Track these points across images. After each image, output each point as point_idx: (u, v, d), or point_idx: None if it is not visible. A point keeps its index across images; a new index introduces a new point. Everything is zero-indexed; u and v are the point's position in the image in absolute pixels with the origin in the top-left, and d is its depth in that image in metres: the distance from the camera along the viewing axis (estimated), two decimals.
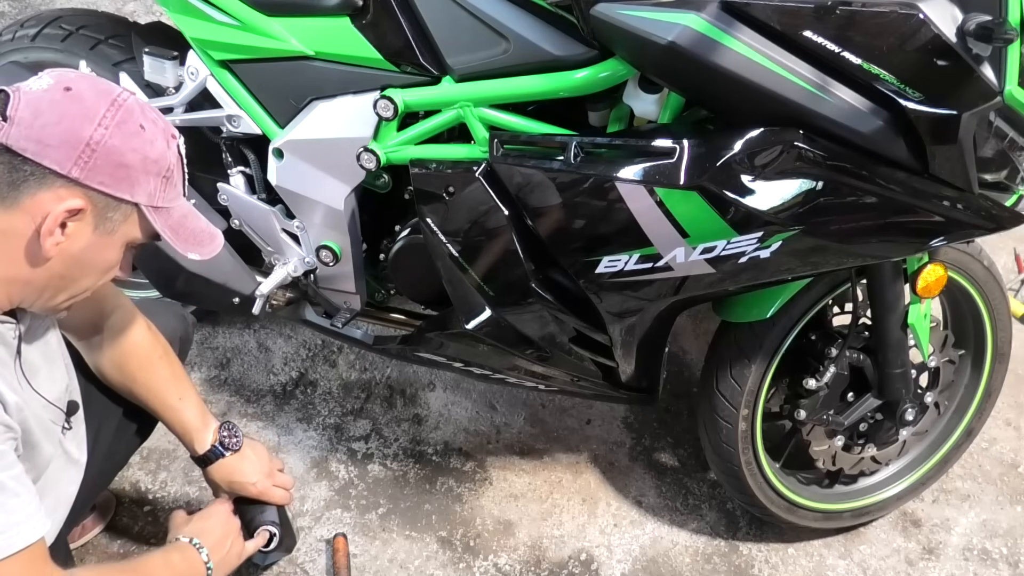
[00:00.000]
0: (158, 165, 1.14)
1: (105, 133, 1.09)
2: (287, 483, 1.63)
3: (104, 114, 1.10)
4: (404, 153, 1.53)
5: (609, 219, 1.37)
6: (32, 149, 1.06)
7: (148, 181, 1.14)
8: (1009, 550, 1.99)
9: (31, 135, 1.06)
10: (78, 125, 1.08)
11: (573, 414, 2.18)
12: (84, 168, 1.08)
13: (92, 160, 1.09)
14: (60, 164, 1.07)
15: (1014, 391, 2.32)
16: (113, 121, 1.10)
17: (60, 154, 1.07)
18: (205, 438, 1.54)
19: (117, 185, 1.11)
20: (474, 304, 1.57)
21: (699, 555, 1.92)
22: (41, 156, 1.07)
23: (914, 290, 1.60)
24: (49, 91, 1.09)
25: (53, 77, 1.12)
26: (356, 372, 2.22)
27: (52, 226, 1.09)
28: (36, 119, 1.07)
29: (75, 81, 1.12)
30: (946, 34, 1.20)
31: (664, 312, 1.58)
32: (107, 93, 1.12)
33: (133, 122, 1.12)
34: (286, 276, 1.80)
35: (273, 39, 1.58)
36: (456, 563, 1.85)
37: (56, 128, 1.07)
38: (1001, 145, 1.36)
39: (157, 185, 1.15)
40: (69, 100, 1.09)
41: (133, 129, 1.12)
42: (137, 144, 1.12)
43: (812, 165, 1.28)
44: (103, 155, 1.09)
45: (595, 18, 1.27)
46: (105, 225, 1.13)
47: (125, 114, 1.12)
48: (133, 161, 1.11)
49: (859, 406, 1.74)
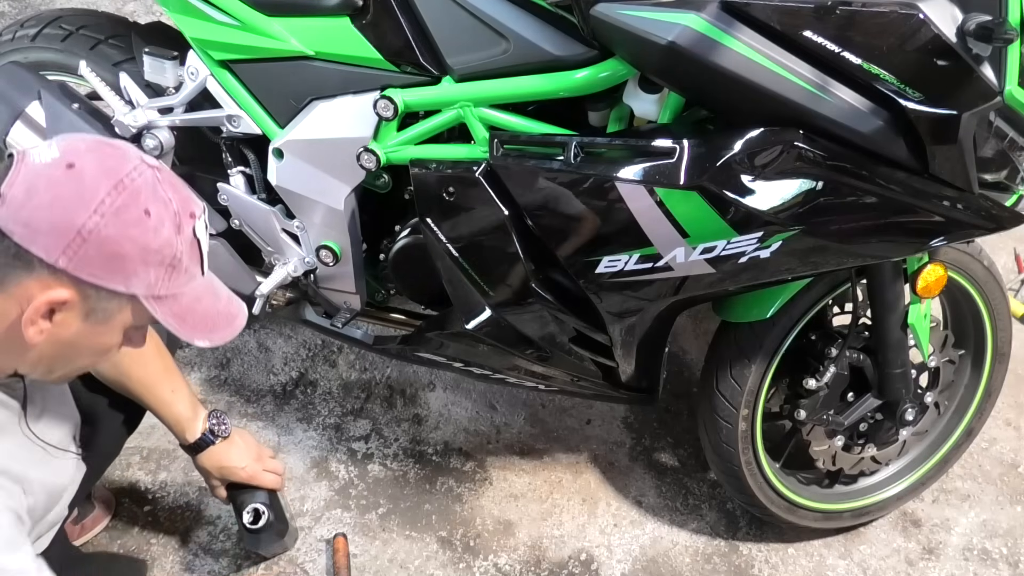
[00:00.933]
0: (160, 255, 1.05)
1: (100, 221, 1.00)
2: (277, 468, 1.66)
3: (103, 199, 1.00)
4: (404, 153, 1.54)
5: (609, 219, 1.37)
6: (20, 232, 0.98)
7: (147, 272, 1.05)
8: (1009, 550, 1.99)
9: (20, 217, 0.98)
10: (71, 210, 0.99)
11: (573, 414, 2.18)
12: (73, 258, 1.00)
13: (82, 250, 1.00)
14: (47, 252, 0.99)
15: (1014, 391, 2.32)
16: (111, 208, 1.00)
17: (48, 241, 0.98)
18: (195, 427, 1.57)
19: (110, 277, 1.03)
20: (474, 304, 1.57)
21: (699, 555, 1.92)
22: (28, 242, 0.98)
23: (914, 290, 1.60)
24: (51, 166, 1.00)
25: (61, 148, 1.02)
26: (356, 372, 2.22)
27: (34, 316, 1.01)
28: (29, 200, 0.98)
29: (82, 155, 1.02)
30: (946, 34, 1.20)
31: (664, 312, 1.58)
32: (113, 172, 1.02)
33: (137, 207, 1.02)
34: (286, 276, 1.80)
35: (273, 39, 1.58)
36: (456, 563, 1.85)
37: (47, 212, 0.98)
38: (1001, 145, 1.36)
39: (159, 275, 1.06)
40: (67, 179, 1.00)
41: (134, 216, 1.02)
42: (136, 233, 1.02)
43: (812, 165, 1.28)
44: (95, 245, 1.00)
45: (595, 18, 1.27)
46: (97, 315, 1.05)
47: (128, 198, 1.02)
48: (130, 251, 1.02)
49: (859, 406, 1.74)
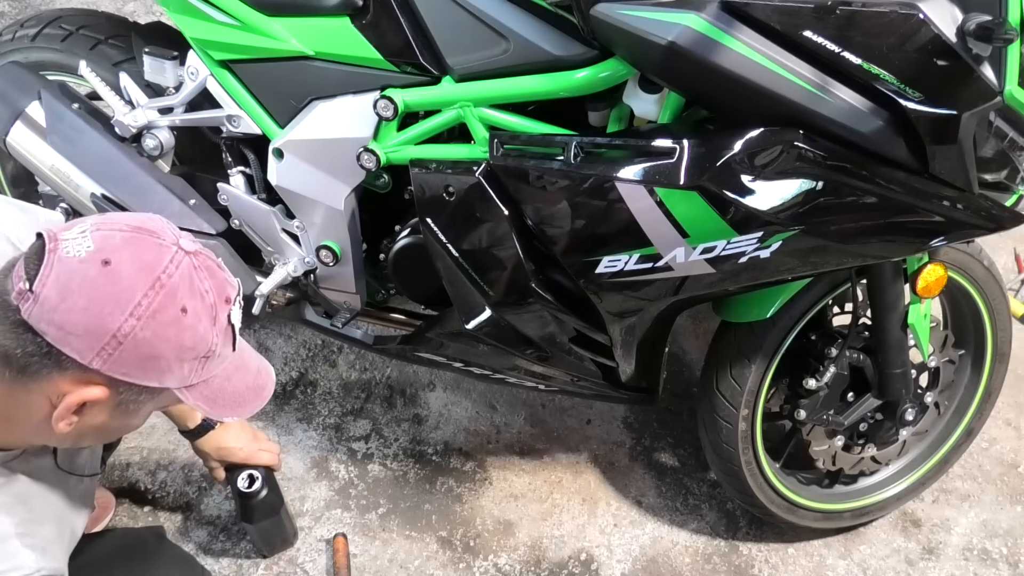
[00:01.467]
0: (195, 351, 1.03)
1: (136, 324, 0.97)
2: (273, 448, 1.72)
3: (139, 302, 0.97)
4: (404, 153, 1.53)
5: (609, 219, 1.37)
6: (53, 334, 0.96)
7: (182, 367, 1.03)
8: (1009, 550, 1.99)
9: (54, 320, 0.95)
10: (107, 314, 0.96)
11: (573, 414, 2.18)
12: (107, 360, 0.98)
13: (117, 352, 0.97)
14: (81, 354, 0.97)
15: (1014, 391, 2.32)
16: (149, 310, 0.98)
17: (82, 344, 0.96)
18: (195, 415, 1.62)
19: (144, 376, 1.01)
20: (474, 304, 1.57)
21: (699, 555, 1.92)
22: (62, 343, 0.96)
23: (914, 290, 1.60)
24: (85, 263, 0.96)
25: (96, 240, 0.98)
26: (356, 372, 2.22)
27: (64, 413, 1.00)
28: (63, 301, 0.95)
29: (118, 250, 0.98)
30: (946, 34, 1.20)
31: (664, 312, 1.58)
32: (150, 269, 0.99)
33: (174, 307, 0.99)
34: (286, 276, 1.80)
35: (273, 39, 1.58)
36: (456, 563, 1.85)
37: (82, 316, 0.95)
38: (1001, 145, 1.36)
39: (193, 367, 1.04)
40: (103, 279, 0.96)
41: (172, 316, 0.99)
42: (172, 334, 1.00)
43: (812, 165, 1.28)
44: (131, 348, 0.98)
45: (595, 18, 1.27)
46: (127, 406, 1.05)
47: (166, 299, 0.99)
48: (165, 351, 1.00)
49: (859, 406, 1.74)
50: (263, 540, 1.80)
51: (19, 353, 0.97)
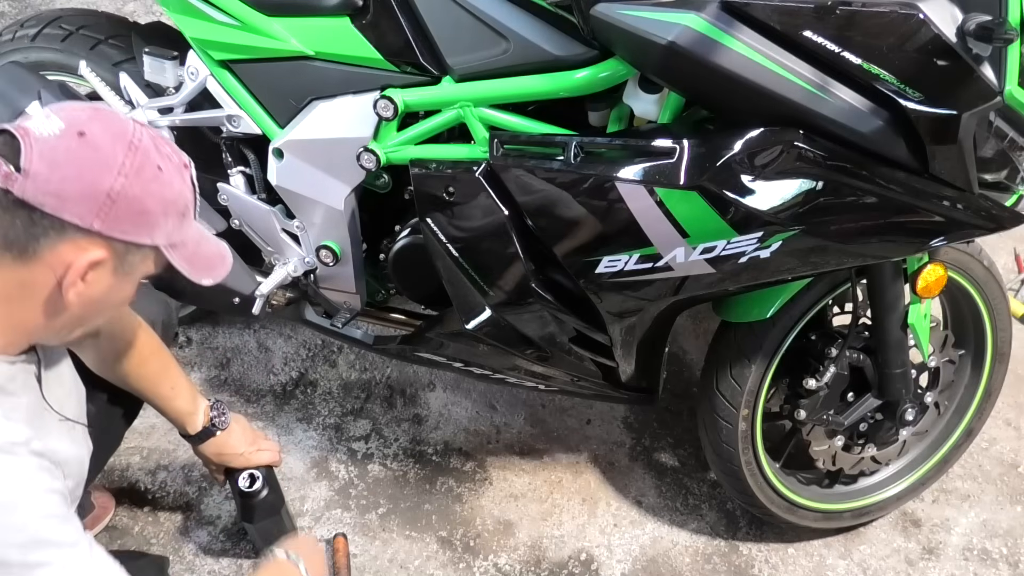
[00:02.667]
0: (176, 205, 1.12)
1: (125, 182, 1.05)
2: (273, 446, 1.72)
3: (123, 162, 1.06)
4: (404, 153, 1.53)
5: (609, 219, 1.37)
6: (51, 204, 1.02)
7: (167, 222, 1.12)
8: (1009, 550, 1.99)
9: (49, 189, 1.02)
10: (97, 176, 1.04)
11: (573, 414, 2.18)
12: (106, 220, 1.05)
13: (113, 211, 1.05)
14: (81, 218, 1.04)
15: (1014, 391, 2.32)
16: (132, 168, 1.06)
17: (81, 208, 1.04)
18: (196, 420, 1.62)
19: (137, 232, 1.09)
20: (474, 304, 1.57)
21: (699, 555, 1.92)
22: (60, 210, 1.03)
23: (914, 290, 1.60)
24: (64, 138, 1.04)
25: (63, 119, 1.06)
26: (356, 372, 2.22)
27: (74, 278, 1.06)
28: (53, 172, 1.02)
29: (88, 124, 1.06)
30: (946, 34, 1.20)
31: (664, 312, 1.58)
32: (122, 136, 1.08)
33: (151, 165, 1.08)
34: (286, 276, 1.80)
35: (273, 39, 1.58)
36: (456, 563, 1.85)
37: (75, 182, 1.03)
38: (1001, 145, 1.36)
39: (175, 224, 1.13)
40: (85, 148, 1.04)
41: (152, 174, 1.08)
42: (156, 188, 1.09)
43: (812, 165, 1.28)
44: (124, 205, 1.06)
45: (595, 18, 1.27)
46: (124, 268, 1.11)
47: (143, 158, 1.08)
48: (153, 206, 1.09)
49: (859, 406, 1.74)
50: (263, 540, 1.79)
51: (21, 232, 1.03)
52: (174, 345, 1.68)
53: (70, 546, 1.10)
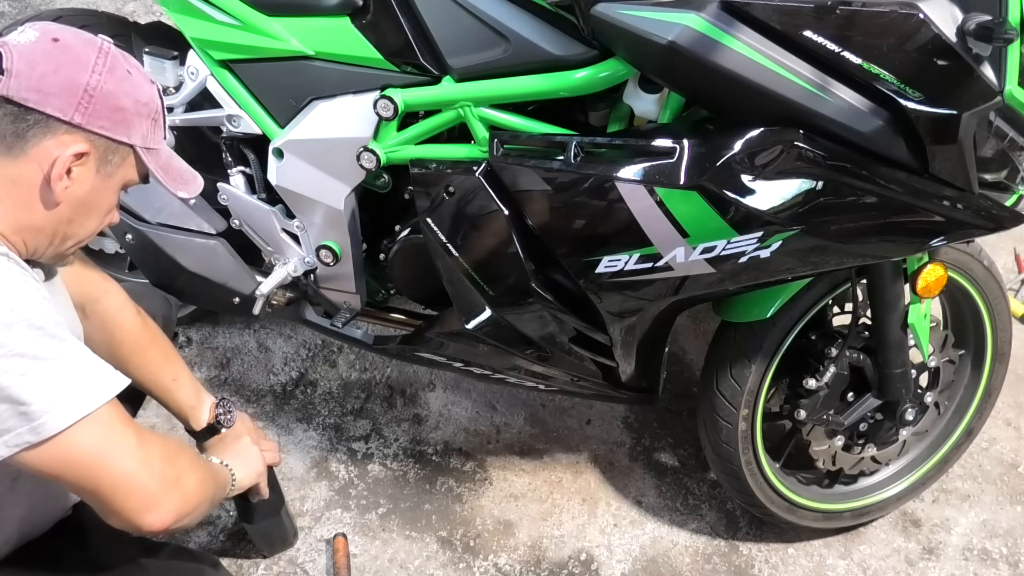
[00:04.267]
0: (148, 107, 1.20)
1: (100, 79, 1.14)
2: (272, 447, 1.70)
3: (96, 61, 1.14)
4: (404, 153, 1.53)
5: (609, 219, 1.37)
6: (34, 99, 1.10)
7: (141, 123, 1.19)
8: (1009, 550, 1.99)
9: (31, 85, 1.10)
10: (74, 73, 1.12)
11: (573, 414, 2.18)
12: (85, 113, 1.13)
13: (92, 105, 1.13)
14: (63, 111, 1.11)
15: (1014, 391, 2.32)
16: (105, 67, 1.15)
17: (62, 101, 1.11)
18: (201, 416, 1.59)
19: (115, 128, 1.16)
20: (474, 304, 1.57)
21: (699, 555, 1.92)
22: (44, 104, 1.11)
23: (914, 290, 1.60)
24: (39, 43, 1.13)
25: (36, 29, 1.15)
26: (356, 372, 2.22)
27: (61, 171, 1.13)
28: (33, 70, 1.10)
29: (59, 32, 1.16)
30: (946, 34, 1.20)
31: (664, 312, 1.58)
32: (91, 42, 1.17)
33: (121, 68, 1.17)
34: (286, 276, 1.80)
35: (273, 39, 1.58)
36: (456, 563, 1.85)
37: (55, 77, 1.11)
38: (1001, 145, 1.36)
39: (148, 127, 1.21)
40: (60, 50, 1.13)
41: (122, 74, 1.17)
42: (128, 88, 1.17)
43: (812, 165, 1.28)
44: (101, 100, 1.14)
45: (595, 18, 1.27)
46: (106, 168, 1.18)
47: (113, 61, 1.16)
48: (127, 104, 1.16)
49: (859, 406, 1.74)
50: (263, 540, 1.80)
51: (8, 129, 1.11)
52: (174, 344, 1.67)
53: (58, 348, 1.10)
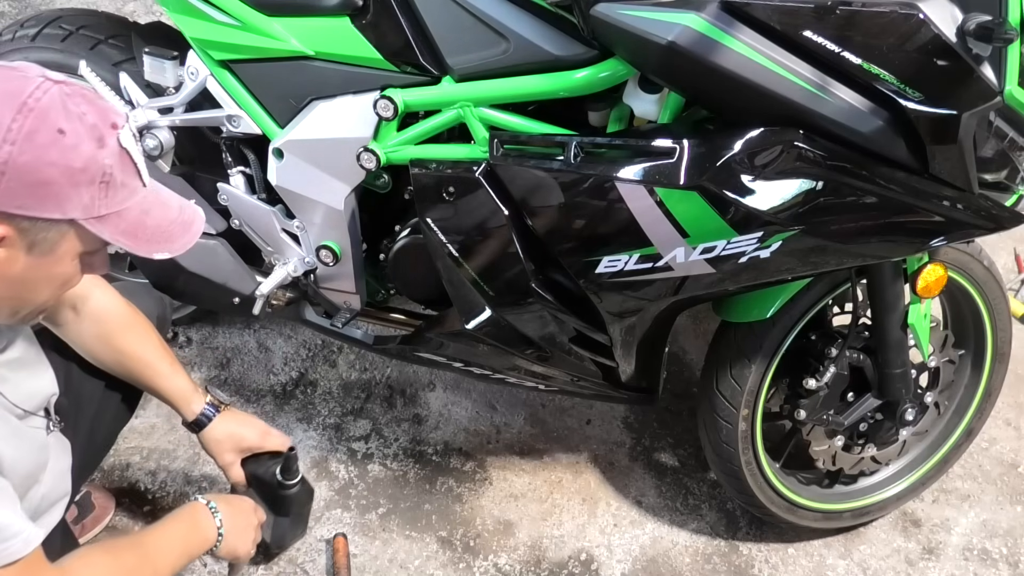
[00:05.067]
0: (87, 173, 1.00)
1: (12, 150, 0.95)
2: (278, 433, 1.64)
3: (9, 127, 0.95)
4: (404, 153, 1.54)
5: (609, 219, 1.37)
6: None
7: (79, 193, 1.00)
8: (1009, 550, 2.00)
9: None
10: None
11: (573, 414, 2.18)
12: None
13: (3, 184, 0.95)
14: None
15: (1014, 391, 2.32)
16: (22, 134, 0.95)
17: None
18: (195, 406, 1.55)
19: (40, 206, 0.98)
20: (474, 304, 1.57)
21: (699, 555, 1.92)
22: None
23: (914, 290, 1.60)
24: None
25: None
26: (356, 372, 2.22)
27: None
28: None
29: None
30: (946, 34, 1.20)
31: (664, 312, 1.58)
32: (14, 97, 0.97)
33: (48, 129, 0.97)
34: (286, 276, 1.80)
35: (273, 39, 1.58)
36: (456, 563, 1.85)
37: None
38: (1001, 145, 1.37)
39: (93, 194, 1.01)
40: None
41: (48, 139, 0.97)
42: (55, 156, 0.97)
43: (812, 165, 1.28)
44: (14, 176, 0.95)
45: (595, 18, 1.27)
46: (40, 247, 1.01)
47: (36, 121, 0.97)
48: (53, 176, 0.97)
49: (859, 406, 1.74)
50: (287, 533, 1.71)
51: None
52: (172, 345, 1.67)
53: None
